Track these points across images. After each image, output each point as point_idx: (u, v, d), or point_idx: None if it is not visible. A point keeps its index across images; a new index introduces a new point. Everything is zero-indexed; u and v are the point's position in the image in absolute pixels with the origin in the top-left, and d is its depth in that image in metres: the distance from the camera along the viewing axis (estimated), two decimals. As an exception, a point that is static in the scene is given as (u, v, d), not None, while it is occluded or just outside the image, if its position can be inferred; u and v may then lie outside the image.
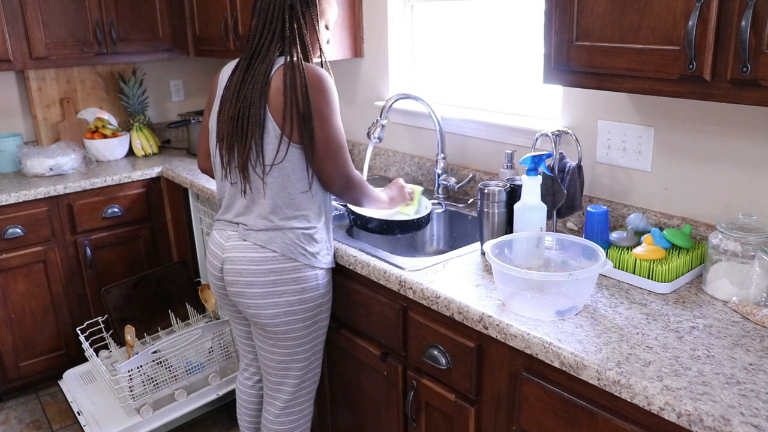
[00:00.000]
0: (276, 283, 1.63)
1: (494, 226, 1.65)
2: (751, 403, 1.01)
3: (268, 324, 1.67)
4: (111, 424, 2.27)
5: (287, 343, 1.69)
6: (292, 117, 1.54)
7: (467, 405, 1.47)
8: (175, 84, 3.50)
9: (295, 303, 1.65)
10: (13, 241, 2.58)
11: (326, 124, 1.57)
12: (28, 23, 2.69)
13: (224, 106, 1.63)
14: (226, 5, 2.71)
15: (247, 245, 1.63)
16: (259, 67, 1.58)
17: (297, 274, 1.63)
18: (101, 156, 3.03)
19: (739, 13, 1.12)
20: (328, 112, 1.57)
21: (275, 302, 1.64)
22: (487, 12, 2.16)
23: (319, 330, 1.75)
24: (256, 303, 1.65)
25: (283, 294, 1.64)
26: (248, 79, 1.58)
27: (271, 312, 1.65)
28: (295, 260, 1.62)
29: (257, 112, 1.55)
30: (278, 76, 1.55)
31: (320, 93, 1.55)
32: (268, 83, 1.55)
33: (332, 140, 1.58)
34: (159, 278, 2.74)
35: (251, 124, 1.56)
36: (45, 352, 2.78)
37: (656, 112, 1.65)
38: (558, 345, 1.21)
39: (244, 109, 1.57)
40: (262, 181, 1.59)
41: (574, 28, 1.39)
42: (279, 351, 1.71)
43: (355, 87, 2.63)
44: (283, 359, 1.72)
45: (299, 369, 1.74)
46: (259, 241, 1.62)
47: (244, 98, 1.57)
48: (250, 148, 1.57)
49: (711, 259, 1.42)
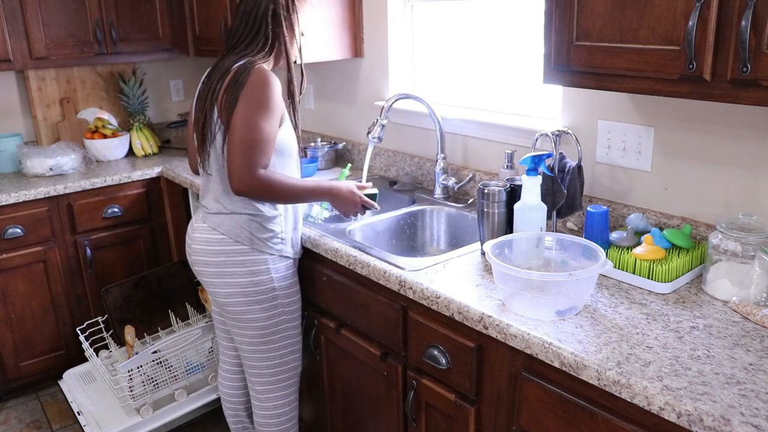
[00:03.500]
0: (225, 264, 1.74)
1: (494, 226, 1.65)
2: (751, 403, 1.01)
3: (225, 303, 1.78)
4: (111, 424, 2.27)
5: (250, 325, 1.79)
6: (224, 103, 1.64)
7: (467, 405, 1.47)
8: (175, 84, 3.50)
9: (247, 285, 1.75)
10: (13, 241, 2.58)
11: (245, 113, 1.61)
12: (28, 23, 2.69)
13: (199, 97, 1.75)
14: (226, 5, 2.71)
15: (204, 227, 1.77)
16: (230, 59, 1.70)
17: (244, 257, 1.73)
18: (101, 156, 3.03)
19: (739, 13, 1.12)
20: (252, 104, 1.62)
21: (227, 282, 1.75)
22: (487, 12, 2.16)
23: (285, 316, 1.83)
24: (212, 282, 1.77)
25: (233, 275, 1.74)
26: (218, 68, 1.70)
27: (224, 291, 1.76)
28: (242, 244, 1.72)
29: (212, 96, 1.67)
30: (233, 71, 1.66)
31: (255, 88, 1.62)
32: (226, 74, 1.66)
33: (244, 131, 1.61)
34: (159, 278, 2.74)
35: (207, 106, 1.68)
36: (45, 352, 2.78)
37: (656, 112, 1.65)
38: (558, 345, 1.21)
39: (204, 92, 1.71)
40: (208, 158, 1.71)
41: (574, 28, 1.39)
42: (246, 333, 1.81)
43: (355, 87, 2.63)
44: (252, 341, 1.82)
45: (271, 351, 1.83)
46: (211, 224, 1.75)
47: (211, 82, 1.70)
48: (204, 128, 1.69)
49: (711, 259, 1.42)
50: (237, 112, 1.61)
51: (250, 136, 1.61)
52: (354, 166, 2.61)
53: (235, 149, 1.61)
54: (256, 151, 1.62)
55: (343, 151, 2.74)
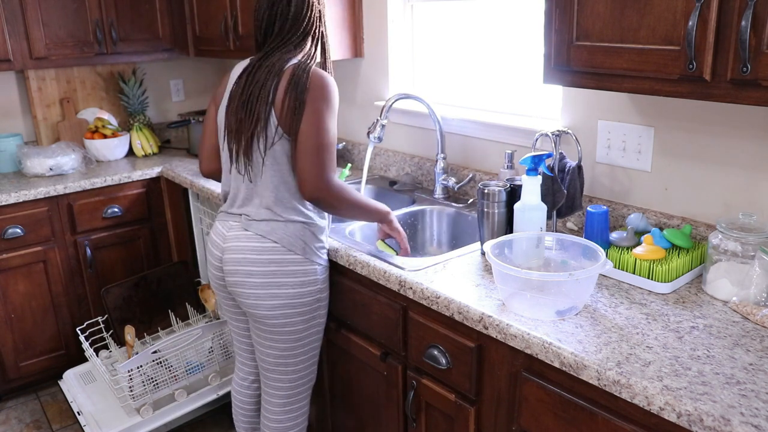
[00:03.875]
0: (275, 274, 1.64)
1: (494, 226, 1.65)
2: (751, 403, 1.01)
3: (266, 316, 1.67)
4: (111, 424, 2.27)
5: (285, 338, 1.70)
6: (288, 108, 1.56)
7: (467, 405, 1.47)
8: (175, 84, 3.50)
9: (294, 296, 1.66)
10: (13, 241, 2.58)
11: (314, 118, 1.56)
12: (28, 23, 2.69)
13: (233, 98, 1.66)
14: (226, 5, 2.71)
15: (248, 235, 1.65)
16: (274, 58, 1.63)
17: (297, 267, 1.64)
18: (101, 156, 3.03)
19: (739, 13, 1.12)
20: (321, 107, 1.57)
21: (274, 293, 1.65)
22: (487, 12, 2.16)
23: (317, 326, 1.76)
24: (255, 293, 1.65)
25: (282, 286, 1.64)
26: (265, 65, 1.62)
27: (269, 303, 1.65)
28: (295, 253, 1.64)
29: (266, 95, 1.58)
30: (288, 73, 1.59)
31: (320, 91, 1.58)
32: (279, 75, 1.59)
33: (316, 136, 1.56)
34: (159, 278, 2.74)
35: (260, 108, 1.59)
36: (45, 352, 2.77)
37: (656, 112, 1.65)
38: (558, 345, 1.21)
39: (255, 90, 1.60)
40: (262, 164, 1.61)
41: (574, 28, 1.39)
42: (277, 346, 1.71)
43: (355, 87, 2.63)
44: (281, 354, 1.72)
45: (296, 364, 1.75)
46: (260, 231, 1.63)
47: (257, 82, 1.61)
48: (254, 132, 1.59)
49: (711, 259, 1.42)
50: (306, 118, 1.55)
51: (323, 141, 1.56)
52: (354, 166, 2.61)
53: (310, 156, 1.55)
54: (329, 155, 1.58)
55: (343, 151, 2.74)
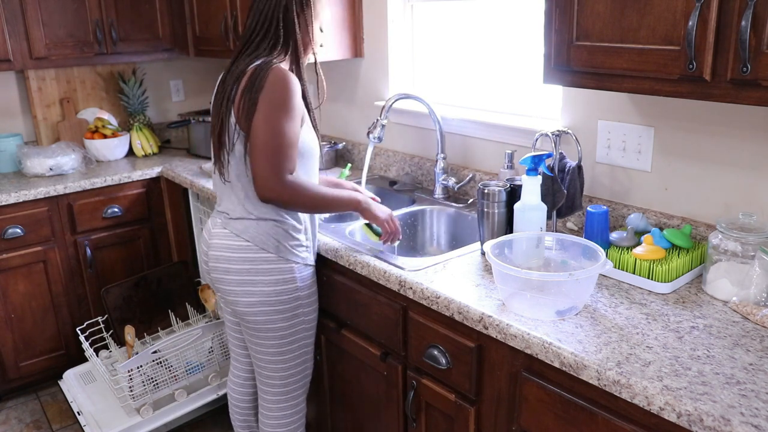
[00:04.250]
0: (249, 272, 1.66)
1: (494, 226, 1.65)
2: (751, 403, 1.01)
3: (245, 313, 1.70)
4: (111, 424, 2.27)
5: (269, 335, 1.72)
6: (243, 108, 1.57)
7: (467, 405, 1.47)
8: (175, 84, 3.50)
9: (271, 294, 1.68)
10: (13, 241, 2.58)
11: (264, 117, 1.54)
12: (28, 23, 2.69)
13: (215, 102, 1.69)
14: (226, 5, 2.71)
15: (225, 233, 1.69)
16: (244, 60, 1.64)
17: (270, 265, 1.66)
18: (101, 156, 3.03)
19: (739, 13, 1.12)
20: (272, 106, 1.55)
21: (250, 291, 1.67)
22: (487, 12, 2.16)
23: (304, 324, 1.77)
24: (233, 290, 1.69)
25: (257, 284, 1.67)
26: (232, 71, 1.64)
27: (246, 300, 1.68)
28: (267, 251, 1.66)
29: (227, 100, 1.61)
30: (248, 73, 1.59)
31: (273, 89, 1.55)
32: (241, 76, 1.60)
33: (264, 136, 1.54)
34: (159, 278, 2.74)
35: (223, 110, 1.62)
36: (45, 352, 2.77)
37: (656, 112, 1.65)
38: (558, 345, 1.21)
39: (219, 96, 1.64)
40: (227, 164, 1.64)
41: (574, 28, 1.39)
42: (265, 343, 1.74)
43: (355, 87, 2.63)
44: (269, 352, 1.75)
45: (286, 362, 1.77)
46: (235, 230, 1.67)
47: (224, 90, 1.63)
48: (221, 133, 1.63)
49: (711, 259, 1.42)
50: (257, 117, 1.53)
51: (274, 142, 1.54)
52: (354, 166, 2.61)
53: (260, 156, 1.54)
54: (282, 157, 1.55)
55: (343, 151, 2.74)
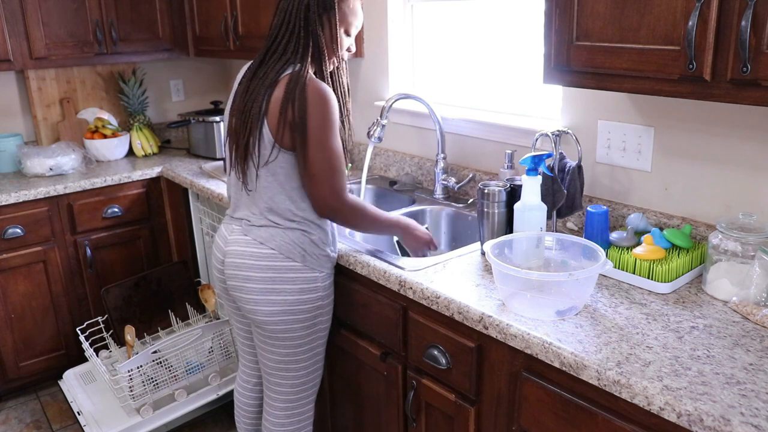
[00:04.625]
0: (274, 280, 1.62)
1: (494, 226, 1.65)
2: (751, 403, 1.01)
3: (265, 322, 1.65)
4: (111, 424, 2.27)
5: (286, 343, 1.68)
6: (285, 127, 1.53)
7: (467, 405, 1.47)
8: (175, 84, 3.50)
9: (294, 303, 1.64)
10: (13, 241, 2.58)
11: (320, 142, 1.53)
12: (28, 23, 2.69)
13: (235, 100, 1.65)
14: (226, 5, 2.71)
15: (247, 240, 1.63)
16: (273, 66, 1.58)
17: (295, 274, 1.63)
18: (101, 156, 3.03)
19: (739, 13, 1.12)
20: (324, 127, 1.53)
21: (272, 300, 1.63)
22: (487, 12, 2.16)
23: (319, 332, 1.74)
24: (254, 299, 1.64)
25: (280, 293, 1.63)
26: (259, 75, 1.59)
27: (268, 309, 1.64)
28: (293, 260, 1.62)
29: (258, 110, 1.55)
30: (282, 84, 1.54)
31: (320, 108, 1.52)
32: (273, 86, 1.55)
33: (324, 161, 1.54)
34: (159, 278, 2.74)
35: (252, 119, 1.56)
36: (45, 352, 2.78)
37: (656, 112, 1.65)
38: (558, 345, 1.21)
39: (249, 103, 1.58)
40: (256, 175, 1.60)
41: (574, 28, 1.39)
42: (278, 351, 1.70)
43: (355, 87, 2.63)
44: (282, 359, 1.71)
45: (299, 370, 1.73)
46: (259, 238, 1.62)
47: (252, 92, 1.58)
48: (248, 143, 1.58)
49: (711, 259, 1.42)
50: (311, 141, 1.51)
51: (331, 163, 1.54)
52: (354, 166, 2.61)
53: (320, 180, 1.55)
54: (339, 176, 1.56)
55: (343, 151, 2.74)
